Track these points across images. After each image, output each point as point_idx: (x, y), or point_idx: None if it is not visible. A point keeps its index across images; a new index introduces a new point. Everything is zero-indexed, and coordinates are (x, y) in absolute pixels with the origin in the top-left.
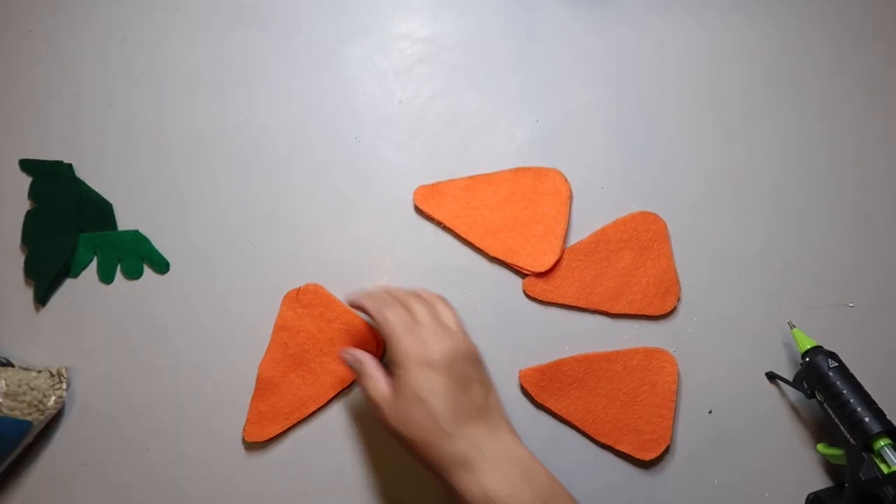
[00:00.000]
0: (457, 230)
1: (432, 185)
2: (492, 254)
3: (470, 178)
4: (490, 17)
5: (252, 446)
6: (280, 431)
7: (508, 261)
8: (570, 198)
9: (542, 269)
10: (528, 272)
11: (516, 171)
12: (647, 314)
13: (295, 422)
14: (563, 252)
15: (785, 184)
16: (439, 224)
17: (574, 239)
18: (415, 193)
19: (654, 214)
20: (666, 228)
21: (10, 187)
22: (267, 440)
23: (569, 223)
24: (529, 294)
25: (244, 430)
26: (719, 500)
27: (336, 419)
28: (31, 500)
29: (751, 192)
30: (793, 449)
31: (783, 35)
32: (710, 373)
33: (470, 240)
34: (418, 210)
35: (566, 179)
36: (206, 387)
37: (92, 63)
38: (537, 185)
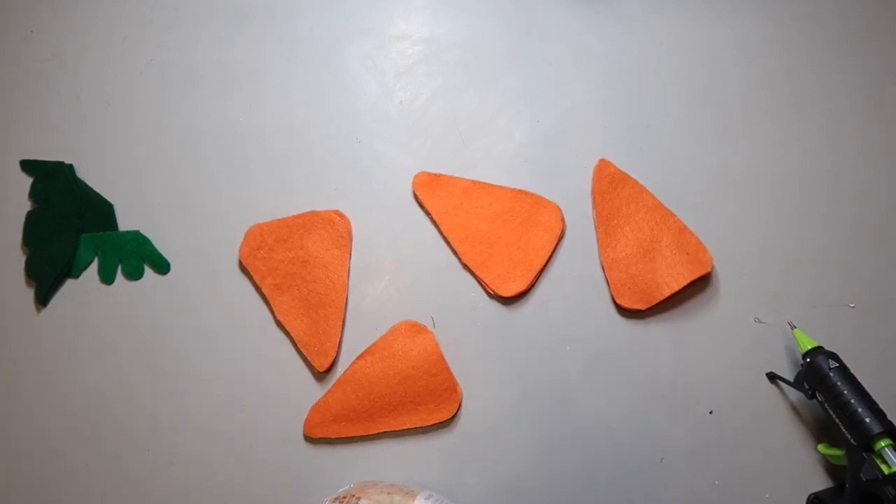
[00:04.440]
0: (441, 226)
1: (435, 174)
2: (464, 261)
3: (473, 182)
4: (490, 17)
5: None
6: (336, 344)
7: (477, 273)
8: (561, 237)
9: (504, 294)
10: (490, 291)
11: (518, 192)
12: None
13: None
14: (530, 285)
15: (785, 184)
16: (428, 214)
17: (557, 271)
18: (415, 178)
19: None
20: None
21: (11, 188)
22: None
23: (550, 260)
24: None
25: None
26: (719, 500)
27: None
28: (32, 500)
29: (751, 192)
30: (793, 449)
31: (783, 35)
32: (710, 373)
33: (450, 240)
34: (414, 195)
35: (563, 218)
36: (206, 386)
37: (92, 63)
38: (533, 214)
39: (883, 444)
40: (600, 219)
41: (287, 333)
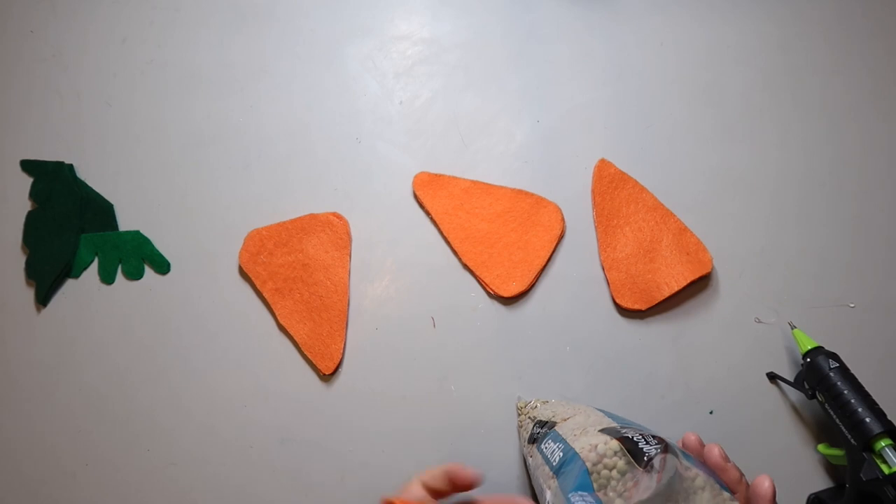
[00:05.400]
0: (441, 227)
1: (435, 174)
2: (464, 261)
3: (473, 182)
4: (490, 17)
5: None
6: (341, 347)
7: (477, 273)
8: (561, 237)
9: (504, 294)
10: (490, 291)
11: (518, 192)
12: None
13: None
14: (530, 285)
15: (785, 184)
16: (428, 214)
17: (557, 271)
18: (415, 178)
19: None
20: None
21: (11, 188)
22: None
23: (549, 260)
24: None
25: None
26: None
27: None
28: (31, 499)
29: (751, 192)
30: (793, 449)
31: (783, 35)
32: (710, 373)
33: (450, 240)
34: (414, 195)
35: (563, 218)
36: (206, 387)
37: (92, 63)
38: (533, 214)
39: (883, 444)
40: (600, 219)
41: (290, 337)
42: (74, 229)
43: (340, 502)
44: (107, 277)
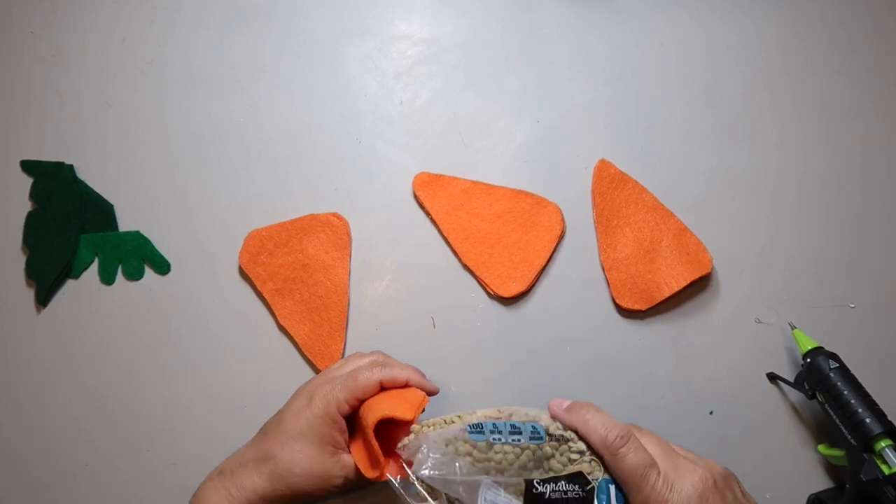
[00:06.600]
0: (441, 227)
1: (435, 175)
2: (464, 261)
3: (473, 182)
4: (490, 17)
5: None
6: (341, 347)
7: (477, 273)
8: (561, 237)
9: (504, 294)
10: (491, 291)
11: (518, 192)
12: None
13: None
14: (530, 286)
15: (785, 184)
16: (428, 215)
17: (557, 272)
18: (415, 178)
19: None
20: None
21: (12, 188)
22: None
23: (550, 261)
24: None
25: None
26: None
27: None
28: (31, 499)
29: (751, 192)
30: (794, 450)
31: (783, 35)
32: (710, 373)
33: (450, 241)
34: (414, 195)
35: (563, 218)
36: (206, 387)
37: (92, 63)
38: (533, 214)
39: (883, 444)
40: (600, 219)
41: (290, 337)
42: (74, 229)
43: (341, 502)
44: (107, 278)
